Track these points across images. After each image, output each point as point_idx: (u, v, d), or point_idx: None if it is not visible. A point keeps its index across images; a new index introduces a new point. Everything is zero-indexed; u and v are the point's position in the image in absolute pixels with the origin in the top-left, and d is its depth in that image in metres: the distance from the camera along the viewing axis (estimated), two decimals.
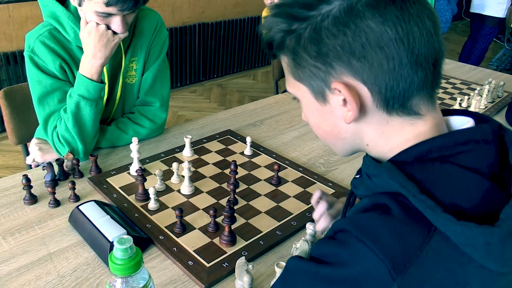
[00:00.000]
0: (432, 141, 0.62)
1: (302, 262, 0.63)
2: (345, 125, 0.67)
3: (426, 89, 0.63)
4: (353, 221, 0.60)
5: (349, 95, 0.62)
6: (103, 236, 1.02)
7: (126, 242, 0.66)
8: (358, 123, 0.66)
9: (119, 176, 1.31)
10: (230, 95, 4.51)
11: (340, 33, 0.60)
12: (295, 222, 1.14)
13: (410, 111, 0.64)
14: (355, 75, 0.62)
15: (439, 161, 0.61)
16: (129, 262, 0.66)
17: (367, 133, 0.67)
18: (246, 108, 1.89)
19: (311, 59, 0.64)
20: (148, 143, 1.52)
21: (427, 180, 0.58)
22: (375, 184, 0.63)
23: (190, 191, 1.24)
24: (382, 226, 0.57)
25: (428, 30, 0.61)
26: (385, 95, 0.62)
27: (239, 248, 1.04)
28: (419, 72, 0.61)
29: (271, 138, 1.62)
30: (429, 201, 0.56)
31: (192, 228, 1.10)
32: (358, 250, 0.57)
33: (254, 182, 1.31)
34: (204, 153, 1.46)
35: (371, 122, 0.65)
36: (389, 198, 0.59)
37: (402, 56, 0.60)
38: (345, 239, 0.59)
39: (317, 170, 1.41)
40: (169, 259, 1.02)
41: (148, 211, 1.16)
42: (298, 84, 0.69)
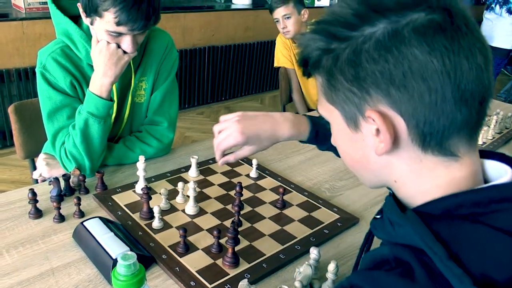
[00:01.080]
0: (464, 195, 0.57)
1: None
2: (375, 156, 0.63)
3: (467, 129, 0.58)
4: (372, 281, 0.56)
5: (383, 126, 0.58)
6: (106, 253, 1.02)
7: (130, 258, 0.66)
8: (389, 156, 0.62)
9: (124, 193, 1.32)
10: None
11: (381, 59, 0.56)
12: (298, 246, 1.14)
13: (447, 152, 0.59)
14: (392, 105, 0.58)
15: (469, 220, 0.55)
16: (132, 279, 0.66)
17: (397, 168, 0.62)
18: None
19: (347, 83, 0.60)
20: (155, 162, 1.53)
21: (455, 242, 0.53)
22: (398, 234, 0.59)
23: (194, 211, 1.24)
24: None
25: (479, 65, 0.56)
26: (423, 130, 0.57)
27: (242, 270, 1.04)
28: (463, 109, 0.56)
29: (277, 161, 1.63)
30: (457, 269, 0.50)
31: (195, 248, 1.10)
32: None
33: (259, 204, 1.31)
34: (209, 174, 1.47)
35: (403, 157, 0.61)
36: (413, 257, 0.55)
37: (446, 90, 0.55)
38: None
39: (322, 195, 1.41)
40: (171, 278, 1.02)
41: (152, 229, 1.16)
42: (331, 107, 0.65)
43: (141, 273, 0.67)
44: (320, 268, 1.06)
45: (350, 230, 1.24)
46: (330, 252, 1.14)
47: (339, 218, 1.27)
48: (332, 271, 0.99)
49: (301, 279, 0.98)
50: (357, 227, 1.25)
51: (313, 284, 1.02)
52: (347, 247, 1.17)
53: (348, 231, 1.23)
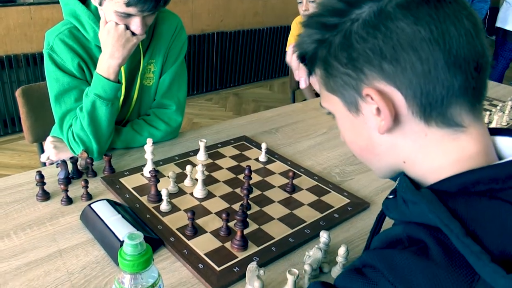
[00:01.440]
0: (481, 171, 0.56)
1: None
2: (379, 138, 0.63)
3: (467, 96, 0.58)
4: (385, 259, 0.54)
5: (381, 101, 0.59)
6: (113, 235, 1.01)
7: (137, 238, 0.65)
8: (393, 135, 0.61)
9: (132, 177, 1.31)
10: (245, 104, 4.52)
11: (370, 36, 0.58)
12: (308, 230, 1.12)
13: (451, 122, 0.58)
14: (387, 80, 0.58)
15: (487, 196, 0.54)
16: (138, 259, 0.65)
17: (402, 147, 0.62)
18: (262, 115, 1.89)
19: (342, 67, 0.61)
20: (163, 146, 1.52)
21: (472, 219, 0.52)
22: (412, 212, 0.57)
23: (203, 195, 1.23)
24: (419, 271, 0.51)
25: (468, 31, 0.56)
26: (421, 101, 0.58)
27: (251, 253, 1.03)
28: (458, 75, 0.56)
29: (287, 146, 1.61)
30: (475, 246, 0.49)
31: (203, 231, 1.09)
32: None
33: (268, 188, 1.30)
34: (218, 158, 1.46)
35: (407, 134, 0.61)
36: (428, 235, 0.54)
37: (438, 58, 0.55)
38: (375, 278, 0.54)
39: (332, 179, 1.39)
40: (179, 261, 1.01)
41: (160, 212, 1.15)
42: (332, 97, 0.66)
43: (148, 253, 0.66)
44: (330, 252, 1.05)
45: (360, 215, 1.22)
46: (340, 236, 1.13)
47: (349, 203, 1.25)
48: (343, 255, 0.98)
49: (310, 263, 0.96)
50: (368, 212, 1.24)
51: (323, 267, 1.01)
52: (358, 231, 1.15)
53: (359, 215, 1.22)
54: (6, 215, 1.13)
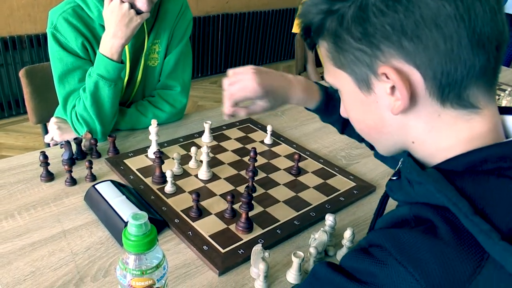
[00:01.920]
0: (489, 149, 0.55)
1: (333, 273, 0.57)
2: (391, 118, 0.60)
3: (486, 77, 0.55)
4: (392, 238, 0.53)
5: (399, 81, 0.55)
6: (118, 216, 1.01)
7: (141, 218, 0.64)
8: (406, 115, 0.59)
9: (136, 158, 1.31)
10: None
11: (390, 10, 0.53)
12: (313, 213, 1.12)
13: (467, 103, 0.56)
14: (406, 58, 0.55)
15: (495, 175, 0.53)
16: (143, 239, 0.65)
17: (414, 127, 0.59)
18: None
19: (355, 42, 0.57)
20: (167, 128, 1.51)
21: (481, 198, 0.51)
22: (418, 193, 0.56)
23: (207, 177, 1.23)
24: (427, 249, 0.50)
25: (492, 7, 0.53)
26: (440, 82, 0.54)
27: (256, 236, 1.02)
28: (481, 55, 0.53)
29: (292, 128, 1.60)
30: (484, 224, 0.49)
31: (208, 213, 1.09)
32: (397, 274, 0.50)
33: (273, 171, 1.29)
34: (223, 140, 1.45)
35: (421, 115, 0.58)
36: (435, 214, 0.52)
37: (462, 36, 0.52)
38: (382, 258, 0.52)
39: (338, 162, 1.38)
40: (183, 242, 1.01)
41: (165, 194, 1.15)
42: (339, 72, 0.62)
43: (153, 233, 0.66)
44: (335, 235, 1.04)
45: (366, 198, 1.21)
46: (346, 219, 1.12)
47: (355, 186, 1.24)
48: (348, 238, 0.97)
49: (316, 246, 0.96)
50: (374, 196, 1.23)
51: (328, 251, 1.01)
52: (363, 215, 1.15)
53: (365, 199, 1.21)
54: (10, 196, 1.13)
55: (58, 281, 0.89)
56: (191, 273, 0.93)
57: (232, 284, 0.91)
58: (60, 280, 0.89)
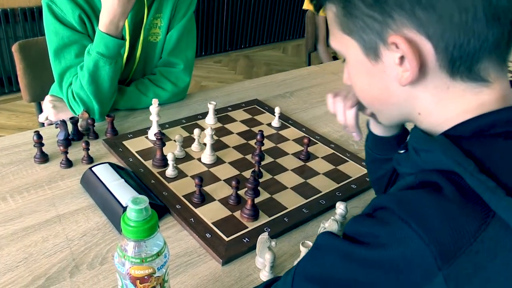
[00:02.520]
0: (497, 114, 0.57)
1: (335, 240, 0.59)
2: (398, 89, 0.61)
3: (499, 51, 0.57)
4: (396, 198, 0.55)
5: (409, 51, 0.56)
6: (116, 200, 1.00)
7: (142, 202, 0.64)
8: (414, 87, 0.60)
9: (136, 139, 1.30)
10: (257, 67, 4.47)
11: None
12: (323, 200, 1.11)
13: (477, 77, 0.57)
14: (418, 28, 0.55)
15: (503, 137, 0.55)
16: (143, 225, 0.64)
17: (421, 99, 0.61)
18: (275, 78, 1.86)
19: (367, 8, 0.58)
20: (169, 108, 1.50)
21: (487, 159, 0.53)
22: (424, 160, 0.58)
23: (211, 160, 1.22)
24: (431, 206, 0.52)
25: None
26: (452, 54, 0.56)
27: (262, 224, 1.02)
28: (495, 28, 0.54)
29: (302, 111, 1.58)
30: (490, 182, 0.50)
31: (211, 199, 1.08)
32: (400, 231, 0.52)
33: (281, 155, 1.28)
34: (228, 122, 1.44)
35: (428, 86, 0.59)
36: (441, 177, 0.54)
37: (478, 8, 0.53)
38: (385, 217, 0.54)
39: (350, 148, 1.37)
40: (185, 230, 1.00)
41: (166, 178, 1.14)
42: (346, 38, 0.63)
43: (153, 219, 0.65)
44: None
45: None
46: (358, 208, 1.11)
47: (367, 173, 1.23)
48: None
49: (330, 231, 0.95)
50: None
51: None
52: None
53: None
54: (2, 178, 1.12)
55: (52, 268, 0.88)
56: (193, 262, 0.92)
57: (236, 274, 0.91)
58: (55, 267, 0.89)
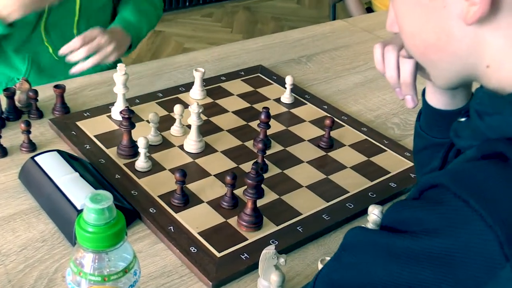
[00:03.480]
0: None
1: (369, 232, 0.61)
2: (461, 30, 0.63)
3: None
4: (450, 172, 0.58)
5: None
6: (67, 201, 1.02)
7: (104, 199, 0.65)
8: (482, 27, 0.62)
9: (95, 119, 1.32)
10: (262, 23, 4.49)
11: None
12: (351, 204, 1.13)
13: None
14: None
15: None
16: (105, 231, 0.65)
17: (491, 45, 0.63)
18: (288, 36, 1.88)
19: None
20: (139, 77, 1.52)
21: None
22: (489, 125, 0.61)
23: (198, 148, 1.24)
24: (496, 179, 0.54)
25: None
26: None
27: (267, 234, 1.04)
28: None
29: (323, 82, 1.60)
30: None
31: (198, 200, 1.10)
32: (455, 212, 0.54)
33: (294, 142, 1.31)
34: (221, 96, 1.46)
35: (502, 26, 0.61)
36: (508, 145, 0.56)
37: None
38: (436, 197, 0.56)
39: (389, 132, 1.39)
40: (162, 242, 1.02)
41: (136, 172, 1.16)
42: None
43: (120, 223, 0.67)
44: None
45: None
46: None
47: (412, 167, 1.24)
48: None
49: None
50: None
51: None
52: None
53: None
54: None
55: None
56: (172, 285, 0.94)
57: None
58: None
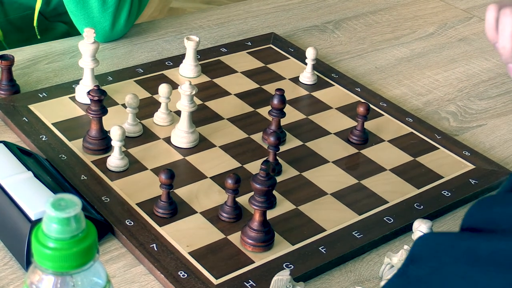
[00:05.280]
0: None
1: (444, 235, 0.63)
2: None
3: None
4: None
5: None
6: (18, 210, 1.02)
7: (69, 206, 0.65)
8: None
9: (53, 102, 1.33)
10: None
11: None
12: (390, 218, 1.14)
13: None
14: None
15: None
16: (71, 246, 0.66)
17: None
18: None
19: None
20: (113, 47, 1.53)
21: None
22: None
23: (189, 142, 1.25)
24: None
25: None
26: None
27: (279, 256, 1.05)
28: None
29: (355, 56, 1.62)
30: None
31: (189, 210, 1.12)
32: None
33: (316, 136, 1.32)
34: (221, 74, 1.47)
35: None
36: None
37: None
38: None
39: (442, 125, 1.41)
40: (141, 264, 1.03)
41: (107, 172, 1.18)
42: None
43: (90, 237, 0.67)
44: None
45: None
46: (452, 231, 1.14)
47: (473, 170, 1.26)
48: None
49: None
50: None
51: None
52: None
53: None
54: None
55: None
56: None
57: None
58: None
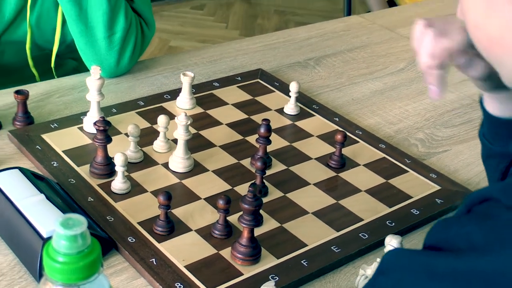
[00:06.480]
0: None
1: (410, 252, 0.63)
2: None
3: None
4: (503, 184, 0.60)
5: None
6: (31, 228, 1.02)
7: (76, 225, 0.66)
8: None
9: (64, 132, 1.33)
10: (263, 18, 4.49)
11: None
12: (365, 234, 1.14)
13: None
14: None
15: None
16: (78, 260, 0.66)
17: None
18: (293, 35, 1.89)
19: None
20: (117, 82, 1.54)
21: None
22: None
23: (185, 167, 1.25)
24: None
25: None
26: None
27: (265, 268, 1.05)
28: None
29: (334, 90, 1.62)
30: None
31: (185, 228, 1.12)
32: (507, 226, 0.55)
33: (299, 161, 1.32)
34: (213, 106, 1.48)
35: None
36: None
37: None
38: (486, 211, 0.58)
39: (411, 150, 1.41)
40: (142, 276, 1.03)
41: (112, 194, 1.18)
42: None
43: (95, 252, 0.68)
44: None
45: None
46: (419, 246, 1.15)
47: (439, 191, 1.27)
48: None
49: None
50: None
51: None
52: None
53: None
54: None
55: None
56: None
57: None
58: None
